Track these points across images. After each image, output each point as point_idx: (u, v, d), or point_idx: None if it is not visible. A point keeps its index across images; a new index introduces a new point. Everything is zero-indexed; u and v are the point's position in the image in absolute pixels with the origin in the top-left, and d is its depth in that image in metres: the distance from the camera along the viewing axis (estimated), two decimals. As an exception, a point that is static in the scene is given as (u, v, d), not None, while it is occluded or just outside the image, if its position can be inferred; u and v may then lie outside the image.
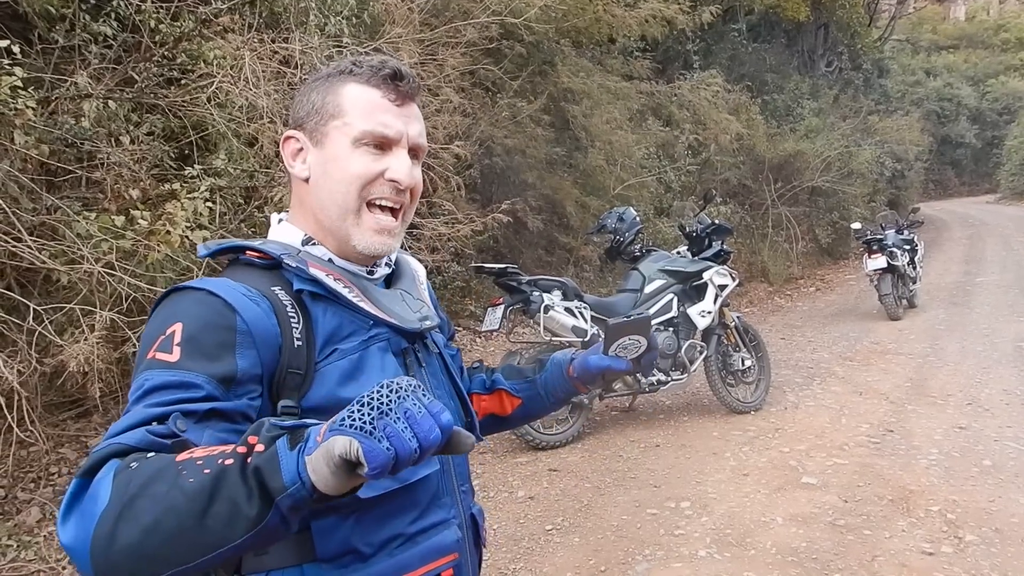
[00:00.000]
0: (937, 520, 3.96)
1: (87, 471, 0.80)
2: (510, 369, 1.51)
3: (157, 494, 0.74)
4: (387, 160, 1.13)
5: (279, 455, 0.73)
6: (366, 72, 1.14)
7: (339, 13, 5.25)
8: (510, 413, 1.49)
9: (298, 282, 1.09)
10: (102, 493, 0.76)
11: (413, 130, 1.16)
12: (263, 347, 1.00)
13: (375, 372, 1.10)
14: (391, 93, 1.14)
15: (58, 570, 3.52)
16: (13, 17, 4.10)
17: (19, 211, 3.59)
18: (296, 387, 1.03)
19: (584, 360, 1.39)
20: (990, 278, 12.32)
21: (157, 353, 0.94)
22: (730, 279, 5.88)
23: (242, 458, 0.74)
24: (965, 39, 42.27)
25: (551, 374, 1.45)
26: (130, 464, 0.78)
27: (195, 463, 0.75)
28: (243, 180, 4.66)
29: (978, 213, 24.32)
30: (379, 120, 1.12)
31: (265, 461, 0.73)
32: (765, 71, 15.66)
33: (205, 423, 0.90)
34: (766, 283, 12.11)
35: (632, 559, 3.68)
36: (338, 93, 1.14)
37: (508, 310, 5.07)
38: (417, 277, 1.32)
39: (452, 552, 1.16)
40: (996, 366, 6.97)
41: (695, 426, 5.63)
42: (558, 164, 9.17)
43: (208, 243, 1.18)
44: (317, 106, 1.15)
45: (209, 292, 1.00)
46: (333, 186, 1.14)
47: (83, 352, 3.50)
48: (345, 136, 1.12)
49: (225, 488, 0.73)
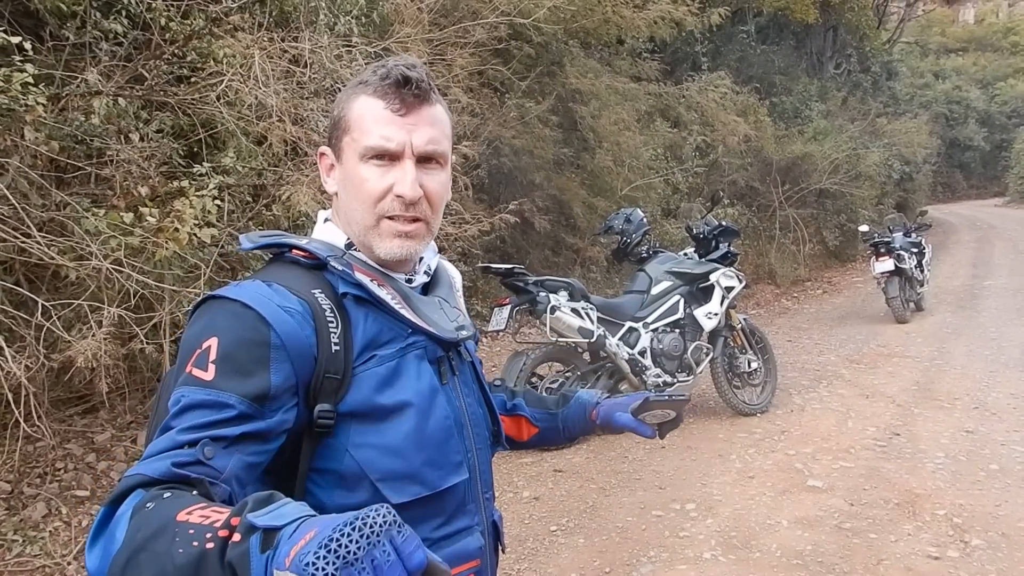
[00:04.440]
0: (943, 524, 3.94)
1: (114, 500, 0.85)
2: (532, 396, 1.52)
3: (156, 552, 0.77)
4: (393, 173, 1.11)
5: (250, 556, 0.73)
6: (374, 82, 1.12)
7: (348, 12, 5.25)
8: (526, 440, 1.51)
9: (343, 285, 1.10)
10: (118, 534, 0.81)
11: (419, 138, 1.12)
12: (297, 359, 1.01)
13: (411, 379, 1.11)
14: (395, 102, 1.11)
15: (63, 565, 3.53)
16: (25, 14, 4.12)
17: (29, 207, 3.61)
18: (333, 391, 1.04)
19: (610, 414, 1.40)
20: (998, 282, 12.27)
21: (194, 369, 0.97)
22: (737, 281, 5.87)
23: (223, 542, 0.75)
24: (974, 42, 42.20)
25: (573, 412, 1.46)
26: (146, 505, 0.82)
27: (188, 532, 0.77)
28: (252, 178, 4.67)
29: (986, 216, 24.20)
30: (380, 134, 1.10)
31: (238, 558, 0.74)
32: (773, 73, 15.64)
33: (234, 447, 0.92)
34: (773, 285, 12.09)
35: (637, 561, 3.68)
36: (351, 107, 1.14)
37: (514, 310, 5.06)
38: (454, 284, 1.33)
39: (475, 559, 1.17)
40: (1003, 370, 6.94)
41: (701, 428, 5.62)
42: (566, 165, 9.17)
43: (251, 235, 1.18)
44: (336, 121, 1.16)
45: (244, 305, 1.01)
46: (354, 204, 1.14)
47: (91, 348, 3.51)
48: (354, 152, 1.12)
49: (204, 573, 0.75)
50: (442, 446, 1.13)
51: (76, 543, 3.69)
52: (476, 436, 1.22)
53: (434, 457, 1.11)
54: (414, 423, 1.09)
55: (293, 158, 4.84)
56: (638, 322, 5.52)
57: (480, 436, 1.24)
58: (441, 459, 1.12)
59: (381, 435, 1.07)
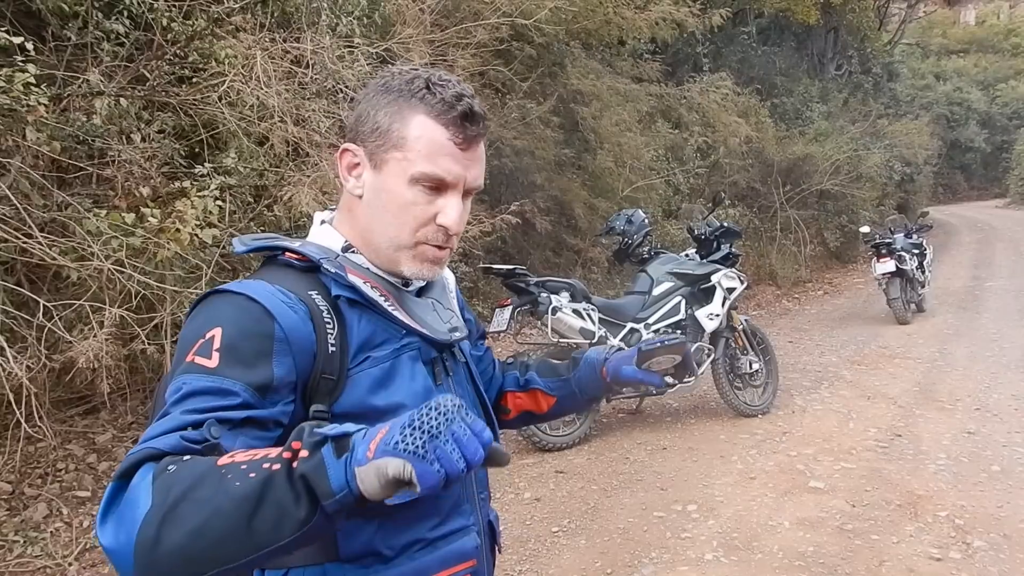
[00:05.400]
0: (945, 525, 3.94)
1: (122, 474, 0.83)
2: (544, 366, 1.52)
3: (201, 498, 0.76)
4: (439, 203, 1.10)
5: (326, 463, 0.77)
6: (439, 106, 1.08)
7: (350, 13, 5.25)
8: (546, 411, 1.51)
9: (336, 288, 1.10)
10: (142, 497, 0.78)
11: (472, 175, 1.12)
12: (299, 354, 1.01)
13: (405, 381, 1.11)
14: (459, 135, 1.08)
15: (64, 566, 3.53)
16: (27, 14, 4.12)
17: (30, 207, 3.61)
18: (328, 392, 1.04)
19: (617, 368, 1.39)
20: (999, 283, 12.26)
21: (196, 357, 0.96)
22: (738, 282, 5.87)
23: (288, 463, 0.77)
24: (975, 43, 42.16)
25: (584, 373, 1.45)
26: (167, 468, 0.80)
27: (239, 467, 0.78)
28: (253, 179, 4.67)
29: (987, 218, 24.21)
30: (441, 165, 1.08)
31: (312, 468, 0.76)
32: (775, 74, 15.64)
33: (239, 430, 0.92)
34: (774, 286, 12.08)
35: (638, 562, 3.67)
36: (406, 121, 1.09)
37: (516, 311, 5.06)
38: (447, 286, 1.32)
39: (471, 559, 1.17)
40: (1005, 371, 6.94)
41: (702, 429, 5.61)
42: (567, 166, 9.16)
43: (244, 238, 1.17)
44: (383, 128, 1.10)
45: (248, 298, 1.01)
46: (387, 218, 1.12)
47: (92, 349, 3.51)
48: (404, 171, 1.09)
49: (272, 492, 0.76)
50: None
51: (77, 544, 3.69)
52: None
53: None
54: None
55: (295, 159, 4.84)
56: (639, 323, 5.52)
57: None
58: None
59: None
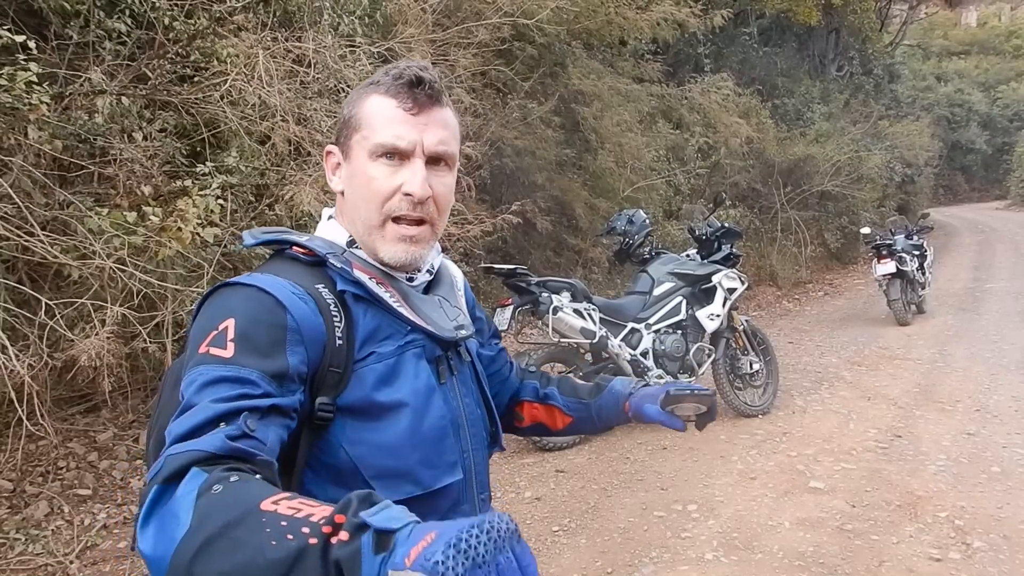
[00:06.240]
0: (945, 526, 3.94)
1: (168, 478, 0.81)
2: (567, 384, 1.52)
3: (238, 540, 0.74)
4: (402, 173, 1.12)
5: (362, 556, 0.73)
6: (386, 82, 1.13)
7: (352, 13, 5.26)
8: (559, 428, 1.51)
9: (341, 283, 1.11)
10: (183, 515, 0.77)
11: (430, 139, 1.13)
12: (311, 345, 1.02)
13: (408, 378, 1.11)
14: (407, 101, 1.12)
15: (65, 564, 3.53)
16: (29, 13, 4.12)
17: (32, 206, 3.61)
18: (334, 385, 1.05)
19: (640, 405, 1.38)
20: (999, 284, 12.26)
21: (211, 348, 0.95)
22: (739, 282, 5.87)
23: (325, 539, 0.74)
24: (976, 45, 42.19)
25: (607, 402, 1.45)
26: (212, 487, 0.78)
27: (279, 523, 0.75)
28: (254, 178, 4.68)
29: (988, 219, 24.21)
30: (392, 132, 1.11)
31: (347, 557, 0.73)
32: (776, 75, 15.64)
33: (268, 419, 0.91)
34: (775, 287, 12.08)
35: (639, 561, 3.68)
36: (362, 106, 1.14)
37: (517, 311, 5.06)
38: (455, 283, 1.32)
39: None
40: (1005, 372, 6.94)
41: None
42: (568, 166, 9.16)
43: (254, 231, 1.18)
44: (345, 119, 1.17)
45: (259, 289, 1.02)
46: (358, 202, 1.15)
47: (93, 347, 3.51)
48: (364, 150, 1.13)
49: (303, 569, 0.73)
50: (437, 446, 1.13)
51: (78, 542, 3.69)
52: (473, 437, 1.22)
53: (429, 456, 1.11)
54: (409, 422, 1.09)
55: (296, 158, 4.85)
56: (640, 323, 5.52)
57: (477, 437, 1.24)
58: (436, 459, 1.12)
59: (376, 432, 1.07)
